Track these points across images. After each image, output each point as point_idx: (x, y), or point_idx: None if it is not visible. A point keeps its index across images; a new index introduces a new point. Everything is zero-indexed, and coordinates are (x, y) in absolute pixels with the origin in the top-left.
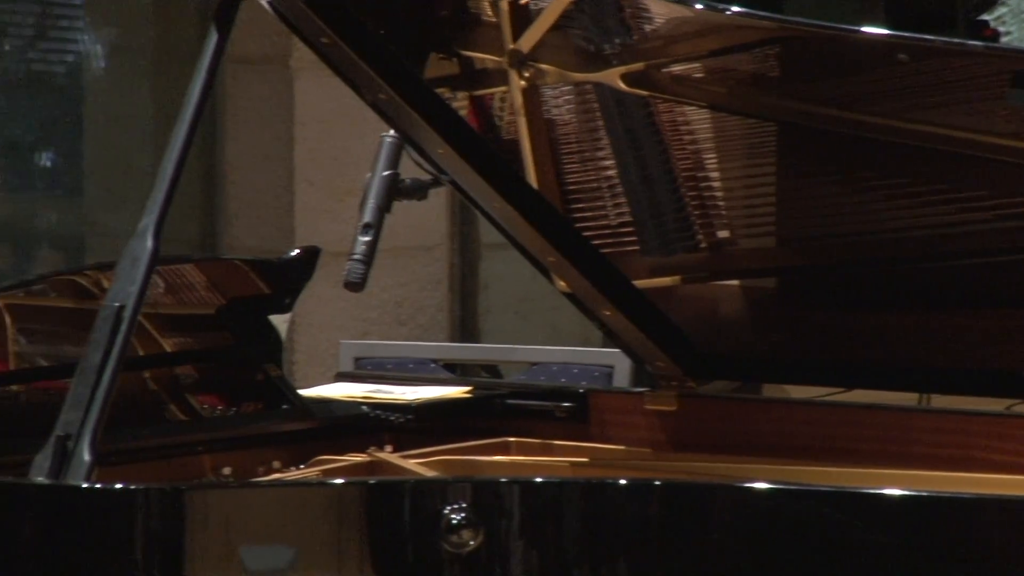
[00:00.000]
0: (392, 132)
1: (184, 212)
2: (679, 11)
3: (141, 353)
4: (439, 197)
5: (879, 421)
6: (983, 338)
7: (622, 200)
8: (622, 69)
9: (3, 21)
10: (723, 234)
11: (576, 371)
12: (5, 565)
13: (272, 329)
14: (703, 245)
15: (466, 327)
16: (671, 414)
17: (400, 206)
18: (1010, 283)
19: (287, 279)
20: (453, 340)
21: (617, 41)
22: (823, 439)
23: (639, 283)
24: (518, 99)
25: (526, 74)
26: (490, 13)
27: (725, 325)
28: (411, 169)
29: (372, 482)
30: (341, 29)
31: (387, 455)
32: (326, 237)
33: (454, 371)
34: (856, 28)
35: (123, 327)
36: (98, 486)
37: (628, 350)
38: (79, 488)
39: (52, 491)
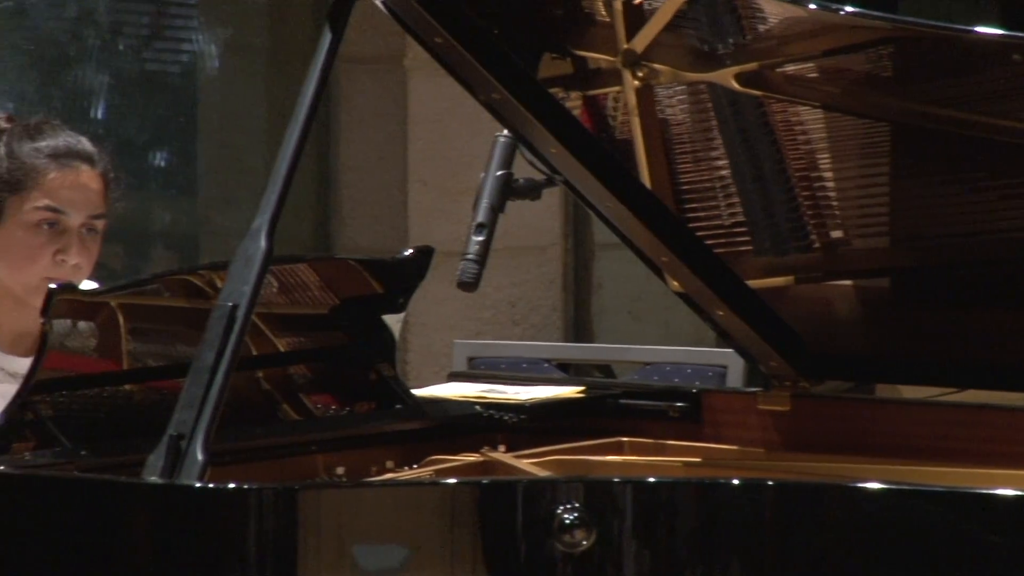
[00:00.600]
0: (506, 132)
1: (298, 212)
2: (792, 11)
3: (254, 352)
4: (553, 197)
5: (993, 421)
6: None
7: (735, 200)
8: (736, 69)
9: (118, 21)
10: (836, 234)
11: (689, 371)
12: (119, 565)
13: (386, 329)
14: (816, 245)
15: (579, 327)
16: (784, 414)
17: (514, 206)
18: None
19: (401, 279)
20: (566, 340)
21: (731, 41)
22: (936, 439)
23: (752, 283)
24: (632, 99)
25: (640, 74)
26: (604, 13)
27: (838, 325)
28: (525, 169)
29: (485, 482)
30: (455, 29)
31: (500, 455)
32: (440, 237)
33: (567, 371)
34: (970, 28)
35: (236, 327)
36: (211, 486)
37: (741, 350)
38: (192, 488)
39: (165, 491)
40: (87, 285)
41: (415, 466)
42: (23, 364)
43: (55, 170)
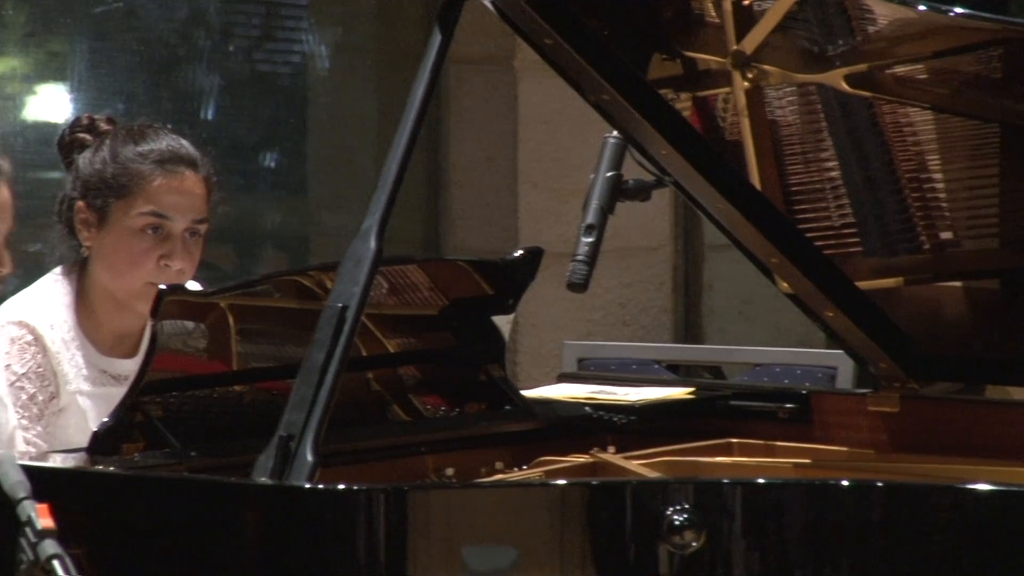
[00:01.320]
0: (615, 133)
1: (408, 213)
2: (902, 12)
3: (364, 353)
4: (662, 198)
5: None
6: None
7: (845, 201)
8: (845, 70)
9: (229, 22)
10: (946, 235)
11: (799, 372)
12: (228, 566)
13: (495, 330)
14: (926, 246)
15: (689, 328)
16: (893, 415)
17: (623, 207)
18: None
19: (510, 280)
20: (676, 341)
21: (840, 42)
22: None
23: (862, 284)
24: (741, 100)
25: (749, 75)
26: (713, 14)
27: (947, 326)
28: (634, 170)
29: (595, 483)
30: (564, 30)
31: (610, 456)
32: (549, 238)
33: (677, 372)
34: None
35: (346, 327)
36: (321, 487)
37: (851, 351)
38: (302, 489)
39: (275, 492)
40: (193, 285)
41: (525, 467)
42: (125, 366)
43: (160, 175)
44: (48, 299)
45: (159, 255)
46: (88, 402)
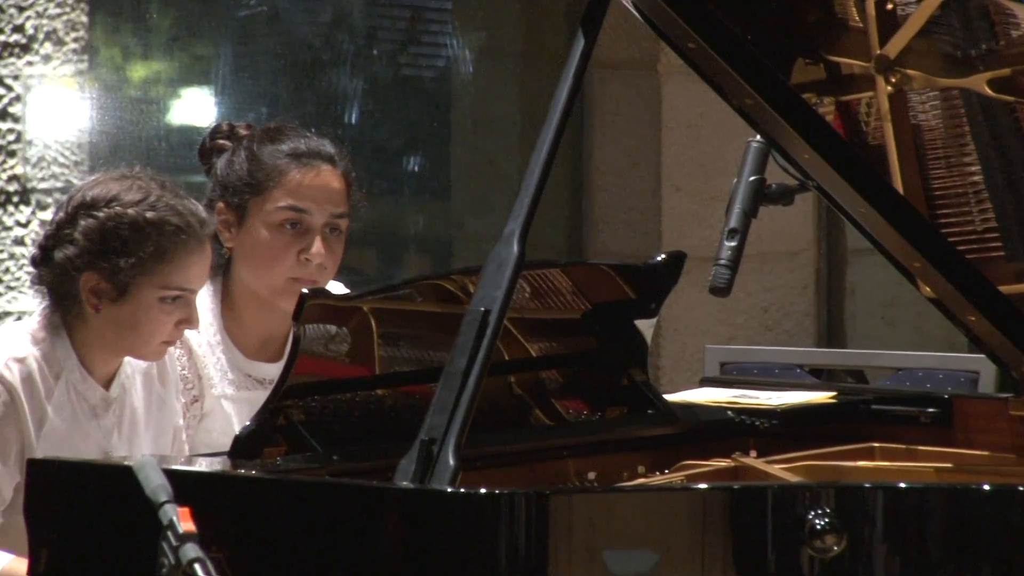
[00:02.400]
0: (758, 137)
1: (551, 217)
2: None
3: (506, 357)
4: (805, 202)
5: None
6: None
7: (987, 205)
8: (989, 75)
9: (373, 26)
10: None
11: (941, 376)
12: (370, 570)
13: (638, 334)
14: None
15: (832, 332)
16: None
17: (766, 211)
18: None
19: (653, 284)
20: (819, 345)
21: (983, 46)
22: None
23: (1004, 289)
24: (884, 104)
25: (893, 79)
26: (857, 18)
27: None
28: (777, 174)
29: (736, 487)
30: (708, 33)
31: (751, 460)
32: (693, 242)
33: (819, 376)
34: None
35: (488, 331)
36: (462, 491)
37: (993, 355)
38: (444, 493)
39: (417, 495)
40: (335, 287)
41: (666, 471)
42: (269, 370)
43: (296, 169)
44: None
45: (299, 249)
46: (233, 406)
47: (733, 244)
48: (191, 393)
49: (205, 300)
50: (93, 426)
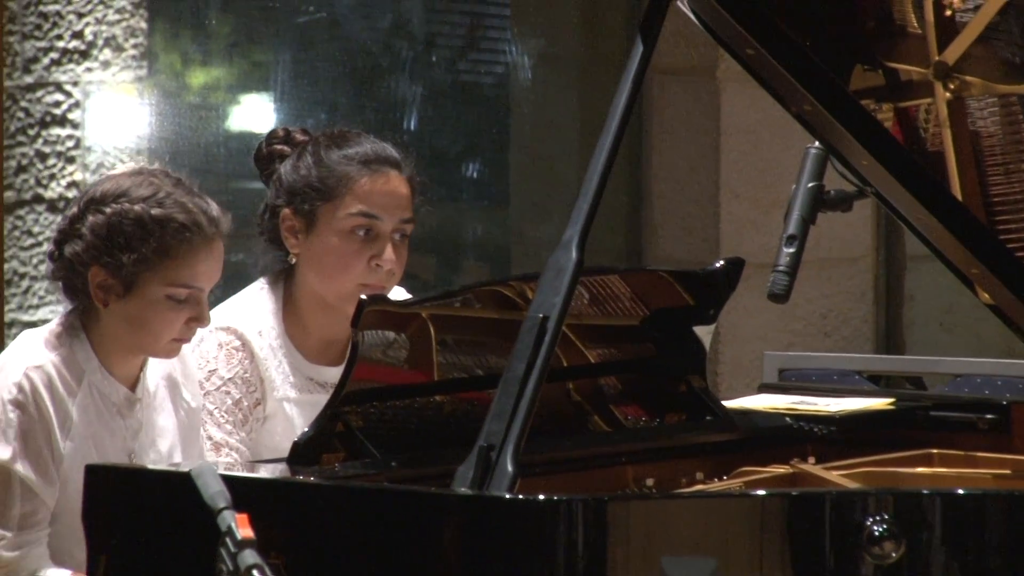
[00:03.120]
0: (817, 144)
1: (609, 223)
2: None
3: (565, 364)
4: (864, 209)
5: None
6: None
7: None
8: None
9: (432, 32)
10: None
11: (1000, 383)
12: (426, 574)
13: (696, 340)
14: None
15: (890, 339)
16: None
17: (825, 218)
18: None
19: (711, 290)
20: (877, 351)
21: None
22: None
23: None
24: (943, 111)
25: (951, 86)
26: (915, 25)
27: None
28: (836, 181)
29: (794, 493)
30: (766, 40)
31: (809, 466)
32: (751, 248)
33: (878, 383)
34: None
35: (547, 338)
36: (521, 497)
37: None
38: (502, 499)
39: (475, 502)
40: (397, 293)
41: (725, 477)
42: (331, 373)
43: (366, 176)
44: (255, 306)
45: (370, 255)
46: (295, 409)
47: (792, 250)
48: (253, 396)
49: (267, 304)
50: (119, 425)
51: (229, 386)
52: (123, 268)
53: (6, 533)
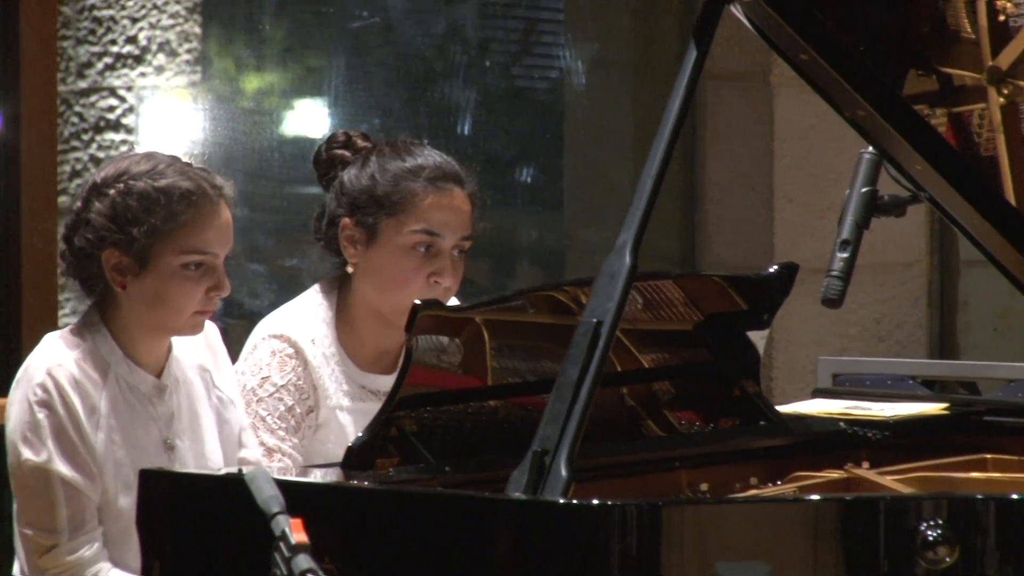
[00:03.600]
0: (871, 148)
1: (663, 228)
2: None
3: (619, 368)
4: (918, 214)
5: None
6: None
7: None
8: None
9: (486, 37)
10: None
11: None
12: None
13: (750, 345)
14: None
15: (945, 343)
16: None
17: (879, 223)
18: None
19: (765, 295)
20: (931, 356)
21: None
22: None
23: None
24: (997, 116)
25: (1005, 91)
26: (969, 30)
27: None
28: (890, 185)
29: (848, 498)
30: (820, 45)
31: (863, 471)
32: (805, 254)
33: (932, 387)
34: None
35: (600, 343)
36: (575, 502)
37: None
38: (556, 504)
39: (529, 507)
40: (452, 302)
41: (779, 482)
42: (384, 382)
43: (432, 193)
44: (309, 314)
45: (429, 272)
46: (348, 417)
47: (845, 255)
48: (306, 404)
49: (320, 312)
50: (150, 414)
51: (282, 393)
52: (135, 243)
53: (59, 539)
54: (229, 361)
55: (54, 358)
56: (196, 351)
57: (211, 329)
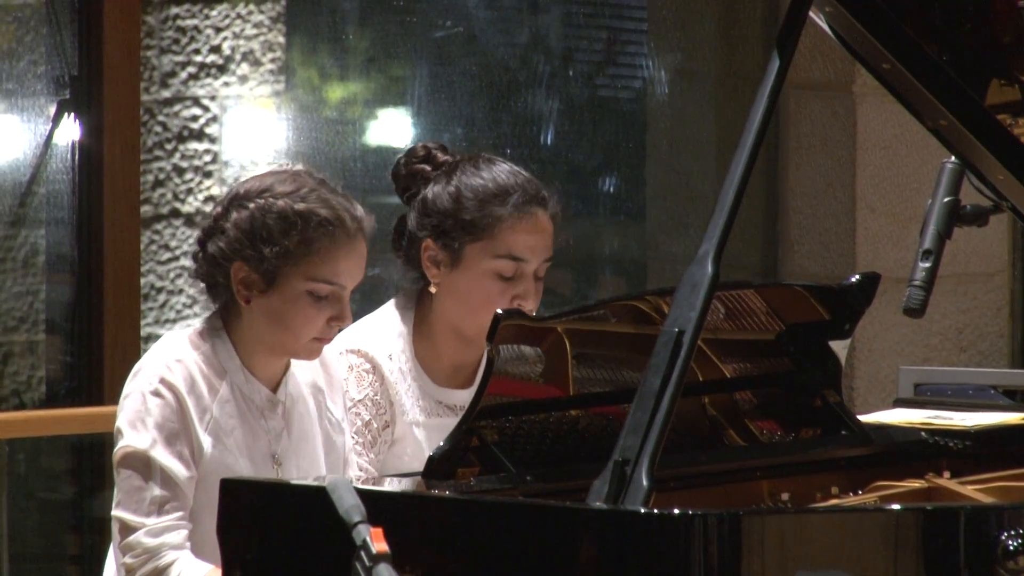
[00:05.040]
0: (953, 158)
1: (745, 238)
2: None
3: (700, 378)
4: (1000, 223)
5: None
6: None
7: None
8: None
9: (569, 47)
10: None
11: None
12: None
13: (831, 355)
14: None
15: None
16: None
17: (961, 232)
18: None
19: (847, 305)
20: (1013, 366)
21: None
22: None
23: None
24: None
25: None
26: None
27: None
28: (972, 195)
29: (929, 508)
30: (902, 55)
31: (944, 481)
32: (887, 263)
33: (1013, 397)
34: None
35: (682, 352)
36: (656, 512)
37: None
38: (637, 514)
39: (611, 516)
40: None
41: (860, 492)
42: (459, 396)
43: (517, 218)
44: (387, 329)
45: (513, 296)
46: (423, 432)
47: (927, 265)
48: (383, 418)
49: (398, 327)
50: (262, 428)
51: (359, 407)
52: (265, 262)
53: (145, 520)
54: (342, 385)
55: (173, 355)
56: (312, 371)
57: (328, 351)
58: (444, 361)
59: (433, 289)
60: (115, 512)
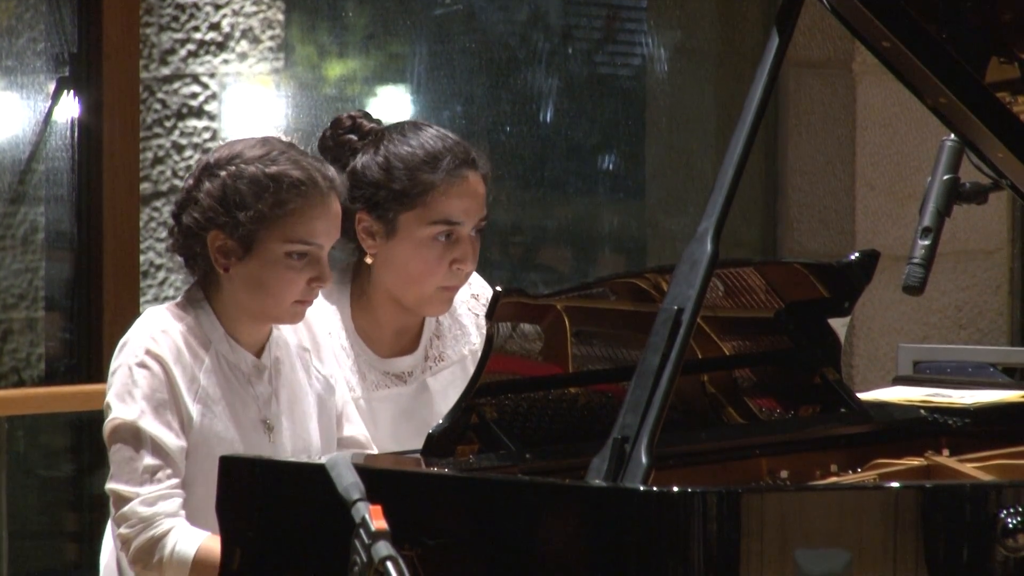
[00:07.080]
0: (952, 136)
1: (745, 216)
2: None
3: (699, 356)
4: (999, 201)
5: None
6: None
7: None
8: None
9: (569, 24)
10: None
11: None
12: (562, 567)
13: (831, 333)
14: None
15: None
16: None
17: (960, 210)
18: None
19: (846, 283)
20: (1012, 344)
21: None
22: None
23: None
24: None
25: None
26: None
27: None
28: (971, 173)
29: (928, 486)
30: (902, 32)
31: (944, 459)
32: (887, 241)
33: (1012, 375)
34: None
35: (681, 330)
36: (655, 489)
37: None
38: (636, 491)
39: (610, 494)
40: (476, 280)
41: (859, 470)
42: (404, 363)
43: (448, 183)
44: (322, 306)
45: (451, 260)
46: (376, 405)
47: (927, 243)
48: None
49: (334, 303)
50: (250, 394)
51: None
52: (241, 227)
53: (139, 490)
54: (329, 343)
55: (158, 326)
56: (295, 332)
57: (310, 313)
58: (385, 329)
59: (369, 260)
60: (109, 485)
